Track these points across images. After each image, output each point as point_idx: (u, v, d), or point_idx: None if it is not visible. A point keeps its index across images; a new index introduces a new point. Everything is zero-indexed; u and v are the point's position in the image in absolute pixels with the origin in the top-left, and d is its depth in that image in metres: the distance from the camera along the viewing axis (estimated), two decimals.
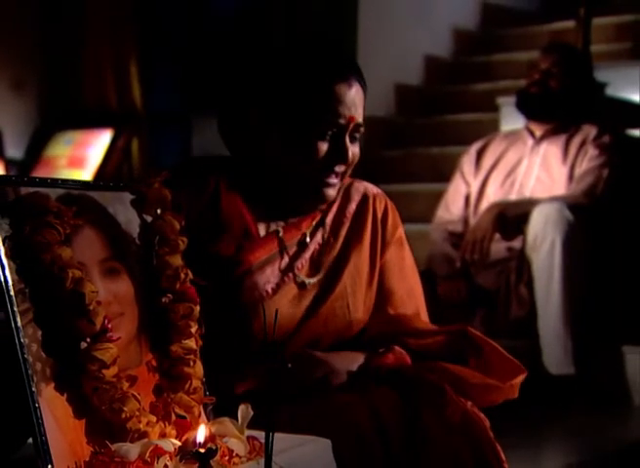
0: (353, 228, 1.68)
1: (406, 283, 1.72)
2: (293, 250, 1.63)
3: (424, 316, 1.74)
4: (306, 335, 1.59)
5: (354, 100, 1.56)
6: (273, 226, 1.63)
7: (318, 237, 1.65)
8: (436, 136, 4.74)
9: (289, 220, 1.64)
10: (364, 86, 1.59)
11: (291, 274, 1.61)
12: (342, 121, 1.55)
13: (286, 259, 1.62)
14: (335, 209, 1.68)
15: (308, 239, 1.64)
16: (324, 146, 1.55)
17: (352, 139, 1.58)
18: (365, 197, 1.70)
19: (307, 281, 1.62)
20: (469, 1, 5.64)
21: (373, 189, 1.73)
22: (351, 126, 1.56)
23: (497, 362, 1.63)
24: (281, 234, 1.62)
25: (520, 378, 1.63)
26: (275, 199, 1.62)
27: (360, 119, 1.58)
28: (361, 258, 1.67)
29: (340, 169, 1.58)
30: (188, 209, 1.43)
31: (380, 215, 1.70)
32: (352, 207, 1.69)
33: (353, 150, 1.58)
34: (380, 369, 1.57)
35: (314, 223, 1.66)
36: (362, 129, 1.59)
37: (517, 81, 4.17)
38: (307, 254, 1.63)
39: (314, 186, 1.58)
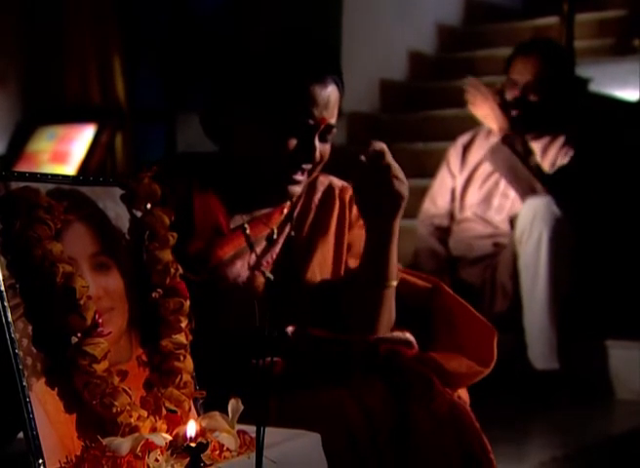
0: (319, 217, 1.69)
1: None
2: (261, 245, 1.64)
3: None
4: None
5: (328, 102, 1.56)
6: (239, 221, 1.64)
7: (286, 232, 1.67)
8: (420, 131, 4.74)
9: (255, 215, 1.65)
10: (341, 86, 1.60)
11: (259, 269, 1.62)
12: (313, 122, 1.56)
13: (254, 255, 1.63)
14: (301, 202, 1.69)
15: (276, 235, 1.66)
16: (292, 143, 1.56)
17: (322, 139, 1.59)
18: (330, 187, 1.72)
19: (272, 277, 1.63)
20: None
21: (338, 182, 1.74)
22: (322, 127, 1.57)
23: (466, 322, 1.65)
24: (248, 231, 1.63)
25: (494, 342, 1.64)
26: (243, 193, 1.64)
27: (332, 120, 1.59)
28: (326, 246, 1.68)
29: (306, 166, 1.59)
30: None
31: (347, 203, 1.71)
32: (317, 196, 1.71)
33: (322, 149, 1.60)
34: (377, 357, 1.56)
35: (282, 218, 1.67)
36: (334, 130, 1.60)
37: (501, 77, 4.18)
38: (275, 250, 1.65)
39: (279, 182, 1.60)
